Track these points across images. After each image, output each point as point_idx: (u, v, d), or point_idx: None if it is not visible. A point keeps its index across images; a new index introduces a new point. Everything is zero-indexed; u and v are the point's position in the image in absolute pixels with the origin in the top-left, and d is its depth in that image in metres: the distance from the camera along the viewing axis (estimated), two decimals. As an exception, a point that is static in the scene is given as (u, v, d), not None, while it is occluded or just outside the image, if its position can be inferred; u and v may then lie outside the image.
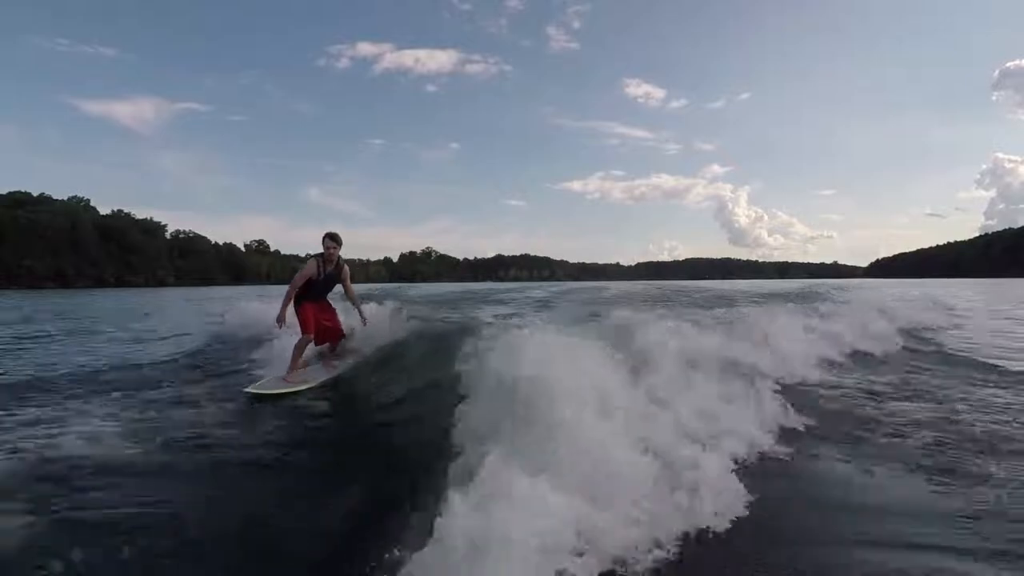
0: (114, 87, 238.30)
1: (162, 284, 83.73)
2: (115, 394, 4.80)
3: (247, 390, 4.69)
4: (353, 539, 2.26)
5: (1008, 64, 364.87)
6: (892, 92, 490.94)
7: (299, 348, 5.28)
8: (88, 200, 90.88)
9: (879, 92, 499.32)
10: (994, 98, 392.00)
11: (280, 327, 5.25)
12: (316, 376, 5.20)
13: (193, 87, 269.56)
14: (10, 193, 79.77)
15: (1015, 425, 3.69)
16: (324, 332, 5.57)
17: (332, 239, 5.38)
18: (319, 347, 5.78)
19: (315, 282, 5.36)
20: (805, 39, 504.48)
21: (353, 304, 5.82)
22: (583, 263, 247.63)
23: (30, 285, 65.01)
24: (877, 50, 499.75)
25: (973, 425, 3.65)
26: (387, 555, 1.89)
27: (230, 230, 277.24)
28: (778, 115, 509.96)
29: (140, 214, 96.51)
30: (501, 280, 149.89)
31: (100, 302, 27.99)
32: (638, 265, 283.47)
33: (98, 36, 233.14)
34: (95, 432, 3.60)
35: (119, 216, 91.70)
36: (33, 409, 4.27)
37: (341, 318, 5.85)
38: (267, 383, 4.88)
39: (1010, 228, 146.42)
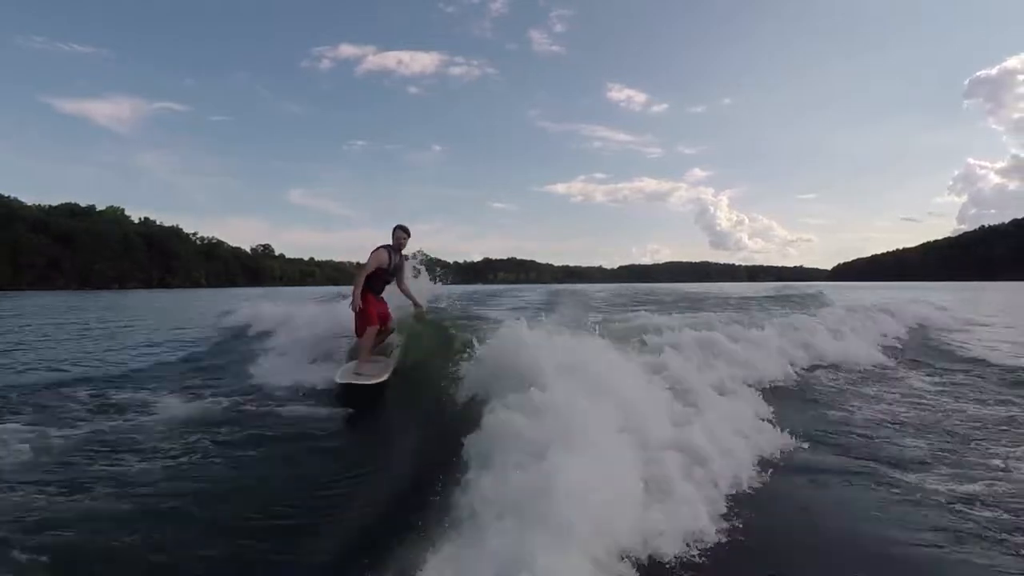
0: (91, 86, 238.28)
1: (196, 285, 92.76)
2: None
3: (337, 379, 4.92)
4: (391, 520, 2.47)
5: (978, 73, 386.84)
6: (871, 99, 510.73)
7: (367, 340, 5.31)
8: (123, 209, 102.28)
9: (858, 99, 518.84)
10: (965, 106, 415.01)
11: (355, 311, 5.23)
12: (383, 371, 5.20)
13: (172, 87, 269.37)
14: (63, 204, 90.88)
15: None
16: (382, 324, 5.65)
17: (403, 230, 5.55)
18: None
19: (384, 271, 5.45)
20: (787, 46, 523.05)
21: (408, 295, 5.89)
22: (567, 266, 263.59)
23: (98, 287, 73.60)
24: (857, 58, 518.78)
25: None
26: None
27: (216, 231, 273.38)
28: (760, 120, 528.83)
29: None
30: (491, 283, 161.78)
31: (199, 299, 32.45)
32: (620, 268, 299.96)
33: (75, 34, 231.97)
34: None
35: (152, 224, 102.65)
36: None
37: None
38: (346, 374, 5.02)
39: (948, 237, 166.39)
